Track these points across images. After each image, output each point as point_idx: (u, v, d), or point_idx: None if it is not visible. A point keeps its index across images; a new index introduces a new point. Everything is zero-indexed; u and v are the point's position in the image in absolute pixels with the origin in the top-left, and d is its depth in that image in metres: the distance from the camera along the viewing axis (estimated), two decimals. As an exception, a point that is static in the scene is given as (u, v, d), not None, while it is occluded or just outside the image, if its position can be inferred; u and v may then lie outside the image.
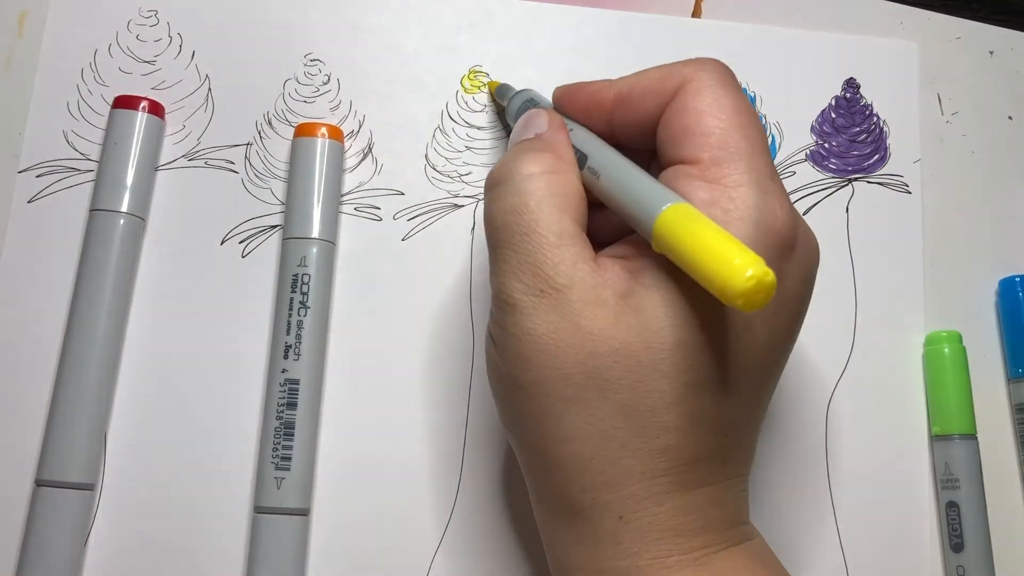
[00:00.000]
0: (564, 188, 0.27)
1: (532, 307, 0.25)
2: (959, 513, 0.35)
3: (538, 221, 0.26)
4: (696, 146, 0.26)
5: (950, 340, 0.37)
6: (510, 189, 0.27)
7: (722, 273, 0.21)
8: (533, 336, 0.25)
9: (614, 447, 0.25)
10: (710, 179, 0.25)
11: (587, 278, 0.25)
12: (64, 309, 0.34)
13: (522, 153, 0.28)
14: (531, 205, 0.26)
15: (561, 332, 0.25)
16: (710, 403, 0.25)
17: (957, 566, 0.35)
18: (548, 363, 0.25)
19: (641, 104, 0.28)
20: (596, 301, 0.25)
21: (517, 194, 0.26)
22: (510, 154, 0.28)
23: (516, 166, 0.27)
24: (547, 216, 0.26)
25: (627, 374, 0.24)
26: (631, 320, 0.24)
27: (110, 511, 0.33)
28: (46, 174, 0.36)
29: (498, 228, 0.27)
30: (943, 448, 0.36)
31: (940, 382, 0.37)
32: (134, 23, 0.37)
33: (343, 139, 0.37)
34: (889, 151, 0.40)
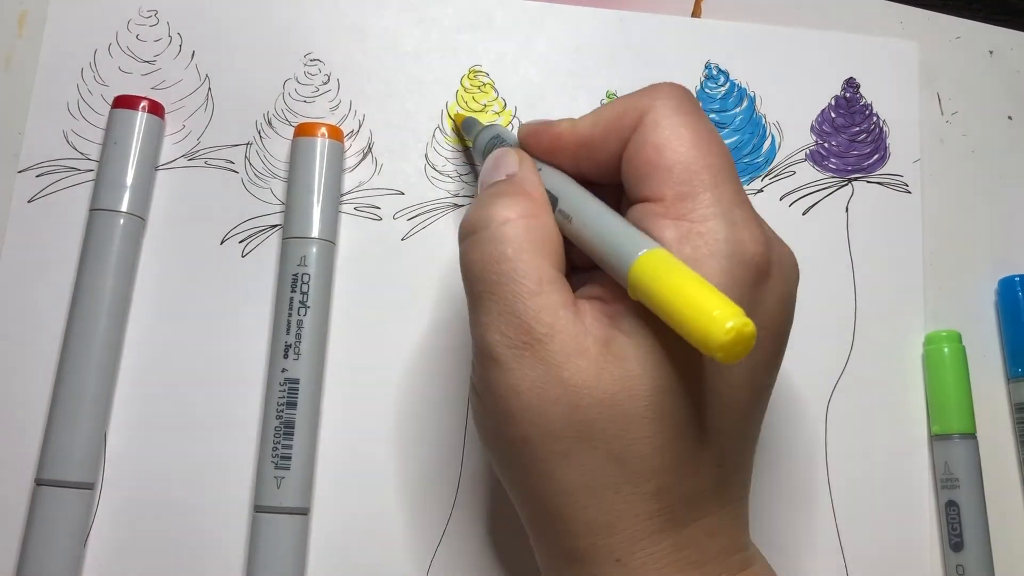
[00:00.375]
0: (541, 232, 0.26)
1: (514, 360, 0.25)
2: (959, 512, 0.35)
3: (516, 269, 0.25)
4: (659, 182, 0.25)
5: (950, 340, 0.37)
6: (486, 236, 0.26)
7: (701, 326, 0.21)
8: (517, 392, 0.25)
9: (607, 494, 0.24)
10: (676, 216, 0.25)
11: (568, 326, 0.25)
12: (64, 309, 0.34)
13: (496, 197, 0.27)
14: (508, 253, 0.26)
15: (544, 387, 0.24)
16: (698, 441, 0.25)
17: (957, 565, 0.35)
18: (534, 420, 0.25)
19: (603, 144, 0.27)
20: (578, 351, 0.24)
21: (494, 241, 0.26)
22: (482, 199, 0.27)
23: (490, 212, 0.26)
24: (526, 263, 0.25)
25: (612, 424, 0.24)
26: (613, 370, 0.24)
27: (110, 511, 0.33)
28: (46, 174, 0.36)
29: (476, 278, 0.26)
30: (943, 448, 0.36)
31: (940, 382, 0.37)
32: (134, 23, 0.37)
33: (343, 139, 0.37)
34: (889, 151, 0.40)
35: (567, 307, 0.25)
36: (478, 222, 0.27)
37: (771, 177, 0.39)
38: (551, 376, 0.24)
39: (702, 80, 0.39)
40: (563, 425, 0.24)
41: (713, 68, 0.39)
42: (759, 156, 0.39)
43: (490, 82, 0.38)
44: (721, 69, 0.39)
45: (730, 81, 0.39)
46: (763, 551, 0.34)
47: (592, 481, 0.24)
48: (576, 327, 0.25)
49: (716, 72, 0.39)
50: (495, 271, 0.26)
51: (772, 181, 0.39)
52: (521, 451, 0.25)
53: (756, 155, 0.39)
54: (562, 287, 0.25)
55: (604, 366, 0.24)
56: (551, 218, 0.27)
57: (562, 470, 0.25)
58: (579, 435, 0.24)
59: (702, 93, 0.39)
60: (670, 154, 0.25)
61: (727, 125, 0.39)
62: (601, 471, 0.24)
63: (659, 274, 0.23)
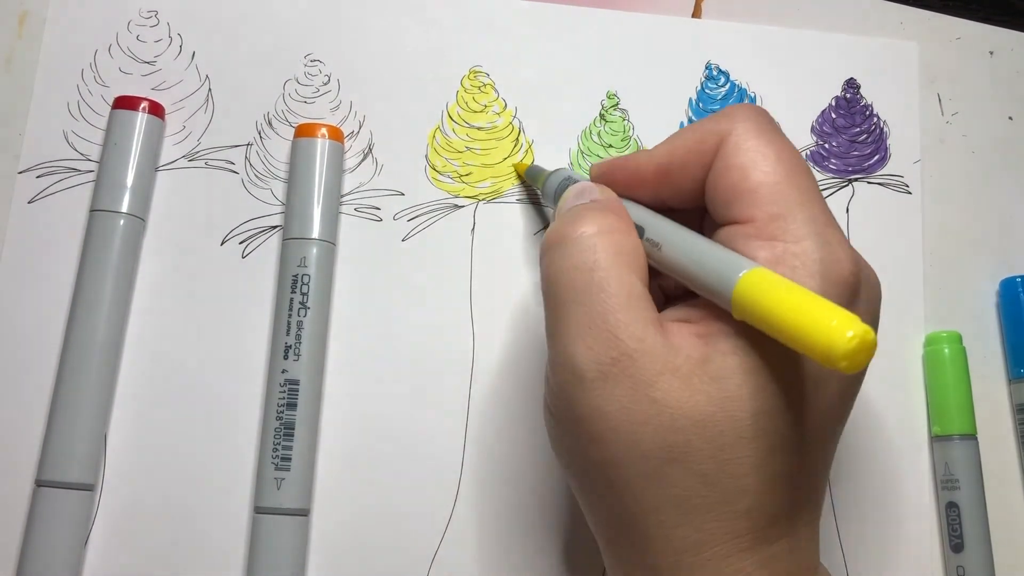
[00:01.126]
0: (631, 247, 0.26)
1: (600, 379, 0.24)
2: (959, 513, 0.35)
3: (608, 279, 0.25)
4: (748, 204, 0.25)
5: (950, 341, 0.37)
6: (576, 247, 0.26)
7: (822, 337, 0.20)
8: (604, 415, 0.24)
9: (698, 514, 0.24)
10: (768, 236, 0.25)
11: (658, 343, 0.24)
12: (64, 309, 0.34)
13: (584, 213, 0.27)
14: (601, 262, 0.25)
15: (635, 408, 0.24)
16: (787, 462, 0.24)
17: (957, 566, 0.35)
18: (623, 441, 0.24)
19: (683, 171, 0.27)
20: (668, 369, 0.24)
21: (584, 251, 0.25)
22: (569, 215, 0.27)
23: (580, 225, 0.26)
24: (618, 273, 0.25)
25: (708, 444, 0.24)
26: (710, 389, 0.24)
27: (110, 511, 0.33)
28: (46, 174, 0.36)
29: (562, 286, 0.25)
30: (943, 448, 0.36)
31: (940, 382, 0.37)
32: (134, 24, 0.37)
33: (343, 139, 0.37)
34: (889, 151, 0.40)
35: (655, 324, 0.24)
36: (566, 234, 0.26)
37: (771, 178, 0.39)
38: (640, 395, 0.24)
39: (702, 80, 0.39)
40: (654, 446, 0.24)
41: (713, 68, 0.39)
42: (759, 157, 0.39)
43: (490, 82, 0.38)
44: (721, 70, 0.39)
45: (730, 82, 0.39)
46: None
47: (683, 501, 0.24)
48: (665, 345, 0.24)
49: (716, 72, 0.39)
50: (585, 280, 0.25)
51: (772, 182, 0.39)
52: (608, 473, 0.25)
53: (756, 156, 0.39)
54: (650, 304, 0.25)
55: (699, 385, 0.24)
56: (638, 238, 0.27)
57: (652, 491, 0.24)
58: (671, 456, 0.24)
59: (702, 93, 0.39)
60: (757, 175, 0.25)
61: (727, 126, 0.39)
62: (693, 491, 0.24)
63: (767, 290, 0.22)
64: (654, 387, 0.24)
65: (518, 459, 0.35)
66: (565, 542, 0.34)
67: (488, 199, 0.37)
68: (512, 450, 0.35)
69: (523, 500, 0.34)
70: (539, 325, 0.36)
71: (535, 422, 0.35)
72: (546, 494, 0.35)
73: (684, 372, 0.24)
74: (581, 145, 0.38)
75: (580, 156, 0.38)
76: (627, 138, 0.38)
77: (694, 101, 0.39)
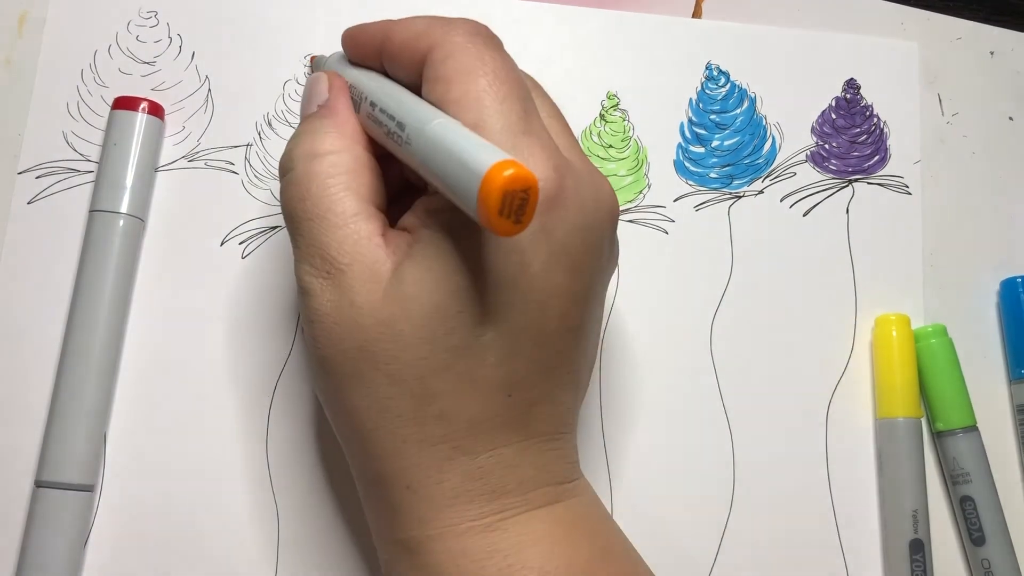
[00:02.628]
0: (347, 165, 0.27)
1: (319, 289, 0.26)
2: (975, 507, 0.35)
3: (319, 205, 0.26)
4: (452, 113, 0.25)
5: (936, 334, 0.37)
6: (294, 177, 0.27)
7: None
8: (319, 315, 0.26)
9: (391, 417, 0.25)
10: None
11: (368, 255, 0.25)
12: (64, 309, 0.34)
13: (303, 136, 0.28)
14: (313, 190, 0.26)
15: (338, 310, 0.25)
16: (481, 365, 0.25)
17: (982, 560, 0.35)
18: (329, 341, 0.26)
19: (401, 57, 0.27)
20: (372, 277, 0.25)
21: (300, 181, 0.27)
22: (294, 136, 0.28)
23: (297, 150, 0.27)
24: (330, 198, 0.26)
25: (392, 344, 0.25)
26: (393, 291, 0.25)
27: (110, 512, 0.33)
28: (46, 175, 0.36)
29: (288, 217, 0.27)
30: (948, 444, 0.36)
31: (935, 377, 0.37)
32: (134, 24, 0.37)
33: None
34: (889, 152, 0.39)
35: (372, 237, 0.26)
36: (286, 162, 0.28)
37: (772, 178, 0.39)
38: (344, 300, 0.25)
39: (702, 80, 0.39)
40: (351, 345, 0.25)
41: (714, 69, 0.39)
42: (760, 157, 0.39)
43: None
44: (722, 70, 0.39)
45: (731, 82, 0.39)
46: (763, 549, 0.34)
47: (377, 403, 0.25)
48: (375, 255, 0.25)
49: (717, 73, 0.39)
50: (302, 209, 0.26)
51: (773, 182, 0.39)
52: (324, 372, 0.26)
53: (757, 156, 0.39)
54: (369, 217, 0.26)
55: (389, 288, 0.25)
56: (361, 147, 0.28)
57: (351, 389, 0.26)
58: (364, 355, 0.25)
59: (702, 93, 0.39)
60: (456, 89, 0.25)
61: (728, 126, 0.39)
62: (384, 392, 0.25)
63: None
64: (357, 292, 0.25)
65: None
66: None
67: (488, 199, 0.37)
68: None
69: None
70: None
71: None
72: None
73: (384, 277, 0.25)
74: (581, 145, 0.38)
75: (580, 156, 0.38)
76: (627, 138, 0.38)
77: (694, 101, 0.39)
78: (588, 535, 0.26)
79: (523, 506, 0.25)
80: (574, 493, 0.27)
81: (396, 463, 0.25)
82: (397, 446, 0.25)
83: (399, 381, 0.25)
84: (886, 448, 0.36)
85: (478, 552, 0.25)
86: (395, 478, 0.25)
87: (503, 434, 0.25)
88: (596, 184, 0.27)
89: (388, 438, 0.25)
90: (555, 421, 0.27)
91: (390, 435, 0.25)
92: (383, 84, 0.28)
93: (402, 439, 0.25)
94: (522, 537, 0.25)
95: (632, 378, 0.36)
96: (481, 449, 0.25)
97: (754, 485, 0.36)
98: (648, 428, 0.36)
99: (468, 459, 0.25)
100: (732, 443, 0.36)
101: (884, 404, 0.36)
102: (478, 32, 0.27)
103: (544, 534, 0.25)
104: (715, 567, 0.35)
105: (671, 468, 0.36)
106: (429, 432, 0.25)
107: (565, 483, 0.27)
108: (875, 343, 0.37)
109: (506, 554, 0.25)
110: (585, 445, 0.35)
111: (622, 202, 0.38)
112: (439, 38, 0.26)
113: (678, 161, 0.38)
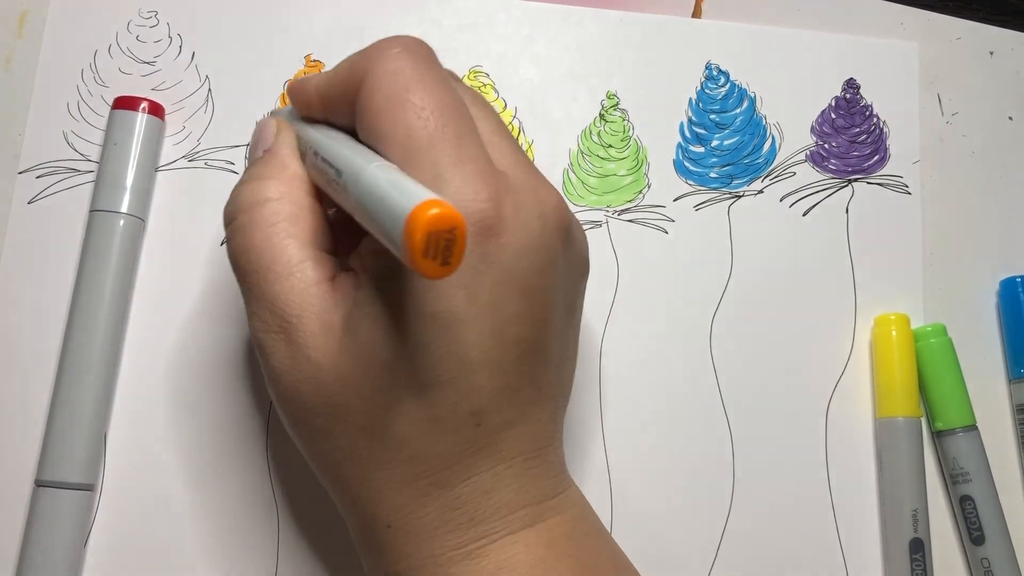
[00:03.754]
0: (289, 211, 0.26)
1: (273, 345, 0.25)
2: (975, 506, 0.35)
3: (263, 256, 0.26)
4: (383, 149, 0.25)
5: (936, 333, 0.37)
6: (236, 227, 0.27)
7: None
8: (278, 373, 0.25)
9: (363, 464, 0.25)
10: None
11: (317, 305, 0.25)
12: (64, 309, 0.34)
13: (245, 184, 0.27)
14: (256, 240, 0.26)
15: (297, 368, 0.25)
16: (443, 404, 0.25)
17: (982, 559, 0.35)
18: (293, 400, 0.25)
19: (339, 106, 0.27)
20: (324, 329, 0.25)
21: (243, 230, 0.26)
22: (237, 184, 0.28)
23: (240, 199, 0.27)
24: (274, 248, 0.26)
25: (356, 397, 0.24)
26: (348, 343, 0.24)
27: (110, 511, 0.33)
28: (46, 175, 0.36)
29: (235, 268, 0.27)
30: (948, 443, 0.36)
31: (935, 378, 0.37)
32: (134, 24, 0.37)
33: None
34: (889, 152, 0.40)
35: (320, 284, 0.25)
36: (230, 212, 0.27)
37: (771, 178, 0.39)
38: (299, 356, 0.25)
39: (702, 80, 0.39)
40: (317, 403, 0.25)
41: (713, 68, 0.39)
42: (759, 157, 0.39)
43: (490, 82, 0.38)
44: (721, 70, 0.39)
45: (730, 82, 0.39)
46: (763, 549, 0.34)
47: (349, 453, 0.25)
48: (324, 304, 0.25)
49: (716, 73, 0.39)
50: (247, 261, 0.26)
51: (772, 182, 0.39)
52: (291, 425, 0.26)
53: (756, 156, 0.39)
54: (316, 264, 0.26)
55: (343, 340, 0.24)
56: (304, 192, 0.27)
57: (324, 442, 0.26)
58: (329, 411, 0.25)
59: (702, 93, 0.39)
60: (385, 122, 0.25)
61: (727, 126, 0.39)
62: (354, 444, 0.25)
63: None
64: (310, 347, 0.25)
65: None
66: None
67: (488, 199, 0.37)
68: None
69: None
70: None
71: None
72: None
73: (336, 328, 0.25)
74: (581, 145, 0.38)
75: (580, 156, 0.38)
76: (627, 138, 0.38)
77: (694, 101, 0.39)
78: (572, 554, 0.26)
79: (503, 530, 0.25)
80: (559, 510, 0.26)
81: (374, 506, 0.25)
82: (373, 490, 0.25)
83: (365, 431, 0.25)
84: (886, 448, 0.36)
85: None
86: (375, 519, 0.26)
87: (477, 462, 0.25)
88: (540, 199, 0.26)
89: (363, 484, 0.25)
90: (531, 439, 0.26)
91: (365, 480, 0.25)
92: (327, 132, 0.27)
93: (377, 483, 0.25)
94: (502, 563, 0.25)
95: (632, 378, 0.36)
96: (456, 481, 0.25)
97: (754, 485, 0.36)
98: (648, 428, 0.36)
99: (444, 491, 0.25)
100: (732, 443, 0.36)
101: (884, 404, 0.36)
102: (406, 54, 0.26)
103: (524, 558, 0.25)
104: (715, 567, 0.35)
105: (671, 468, 0.36)
106: (402, 473, 0.25)
107: (547, 500, 0.26)
108: (875, 343, 0.37)
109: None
110: (585, 445, 0.35)
111: (622, 202, 0.38)
112: (367, 71, 0.26)
113: (678, 161, 0.38)
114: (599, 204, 0.38)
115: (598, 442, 0.36)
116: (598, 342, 0.36)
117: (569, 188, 0.38)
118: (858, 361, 0.37)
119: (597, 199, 0.38)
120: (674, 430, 0.36)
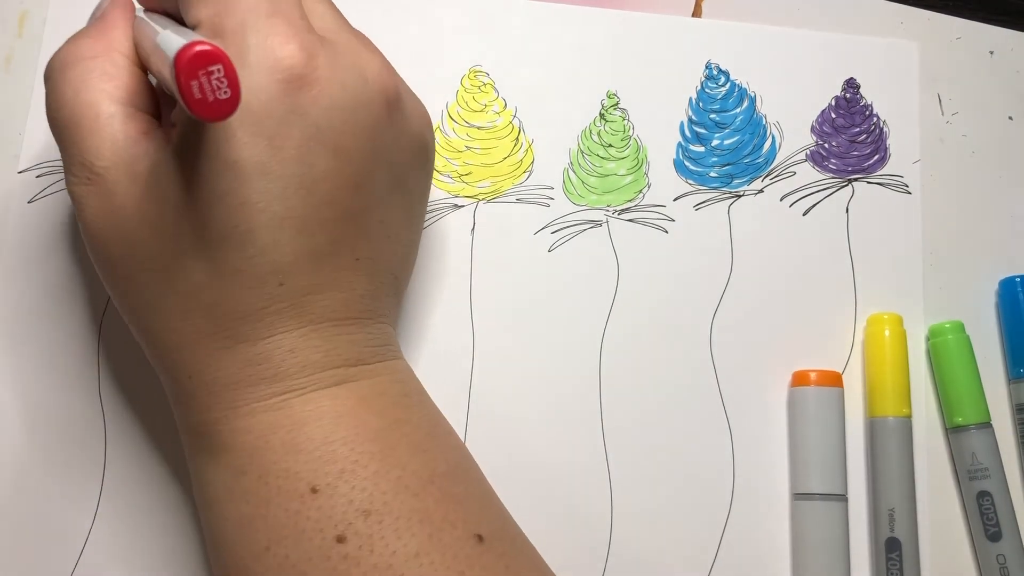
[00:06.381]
0: (103, 69, 0.27)
1: (84, 197, 0.26)
2: (992, 502, 0.35)
3: (75, 111, 0.26)
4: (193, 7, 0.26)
5: (954, 331, 0.37)
6: (51, 85, 0.27)
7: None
8: (88, 223, 0.26)
9: (164, 314, 0.26)
10: (213, 35, 0.25)
11: (126, 156, 0.26)
12: (64, 309, 0.34)
13: (66, 45, 0.28)
14: (68, 95, 0.26)
15: (104, 216, 0.26)
16: (243, 256, 0.25)
17: (997, 555, 0.35)
18: (104, 249, 0.26)
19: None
20: (131, 177, 0.25)
21: (56, 89, 0.27)
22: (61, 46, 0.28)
23: (57, 60, 0.27)
24: (84, 104, 0.26)
25: (156, 242, 0.25)
26: (153, 191, 0.25)
27: (110, 511, 0.33)
28: (46, 174, 0.36)
29: (51, 124, 0.27)
30: (964, 439, 0.36)
31: (950, 374, 0.37)
32: (134, 23, 0.37)
33: None
34: (889, 151, 0.40)
35: (131, 137, 0.26)
36: (47, 71, 0.28)
37: (771, 178, 0.39)
38: (107, 205, 0.26)
39: (702, 80, 0.39)
40: (123, 251, 0.26)
41: (713, 68, 0.39)
42: (759, 156, 0.39)
43: (490, 82, 0.38)
44: (721, 69, 0.39)
45: (730, 81, 0.39)
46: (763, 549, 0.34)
47: (151, 302, 0.26)
48: (134, 153, 0.26)
49: (716, 72, 0.39)
50: (59, 117, 0.27)
51: (772, 182, 0.39)
52: (102, 275, 0.27)
53: (756, 155, 0.39)
54: (127, 119, 0.26)
55: (149, 189, 0.25)
56: (121, 53, 0.28)
57: (129, 292, 0.26)
58: (133, 259, 0.26)
59: (702, 93, 0.39)
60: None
61: (727, 125, 0.39)
62: (155, 292, 0.26)
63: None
64: (117, 195, 0.25)
65: (517, 458, 0.35)
66: (565, 539, 0.34)
67: (488, 199, 0.37)
68: (511, 449, 0.35)
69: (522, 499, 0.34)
70: (540, 325, 0.36)
71: (536, 421, 0.35)
72: (544, 493, 0.35)
73: (143, 177, 0.25)
74: (581, 145, 0.38)
75: (580, 156, 0.38)
76: (627, 138, 0.38)
77: (694, 101, 0.39)
78: (380, 409, 0.26)
79: (309, 387, 0.26)
80: (375, 374, 0.27)
81: (176, 355, 0.26)
82: (174, 340, 0.26)
83: (165, 279, 0.26)
84: (875, 447, 0.36)
85: (261, 429, 0.25)
86: (178, 369, 0.26)
87: (281, 320, 0.26)
88: (361, 61, 0.26)
89: (165, 333, 0.26)
90: (344, 307, 0.27)
91: (166, 331, 0.26)
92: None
93: (178, 333, 0.26)
94: (305, 413, 0.25)
95: (632, 378, 0.36)
96: (257, 336, 0.26)
97: (754, 484, 0.36)
98: (648, 428, 0.36)
99: (246, 346, 0.26)
100: (732, 443, 0.36)
101: (874, 403, 0.36)
102: None
103: (328, 409, 0.25)
104: (715, 567, 0.35)
105: (671, 468, 0.36)
106: (201, 325, 0.26)
107: (360, 365, 0.27)
108: (867, 342, 0.37)
109: (289, 429, 0.25)
110: (585, 445, 0.35)
111: (622, 201, 0.38)
112: None
113: (678, 160, 0.38)
114: (599, 204, 0.38)
115: (598, 442, 0.36)
116: (598, 342, 0.36)
117: (569, 187, 0.38)
118: (858, 360, 0.37)
119: (597, 199, 0.38)
120: (674, 430, 0.36)
